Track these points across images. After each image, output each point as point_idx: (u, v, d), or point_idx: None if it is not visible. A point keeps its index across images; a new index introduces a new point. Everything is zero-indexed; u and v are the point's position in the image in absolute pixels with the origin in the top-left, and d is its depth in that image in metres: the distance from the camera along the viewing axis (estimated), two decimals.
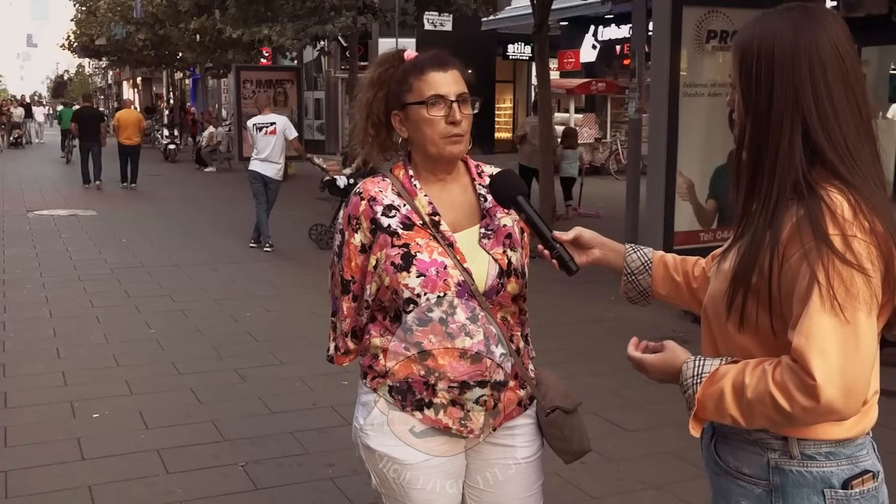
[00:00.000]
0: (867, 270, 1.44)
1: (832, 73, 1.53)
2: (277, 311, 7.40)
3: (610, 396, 5.20)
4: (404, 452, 2.10)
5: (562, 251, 1.96)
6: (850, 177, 1.50)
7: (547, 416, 2.18)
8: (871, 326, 1.46)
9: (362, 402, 2.18)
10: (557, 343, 6.33)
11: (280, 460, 4.31)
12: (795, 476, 1.59)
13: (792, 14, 1.58)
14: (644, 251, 2.00)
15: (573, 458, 2.27)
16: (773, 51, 1.55)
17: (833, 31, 1.56)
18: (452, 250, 2.07)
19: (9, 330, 6.77)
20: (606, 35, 24.21)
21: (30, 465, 4.22)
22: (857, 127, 1.54)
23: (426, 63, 2.11)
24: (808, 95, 1.53)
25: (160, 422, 4.82)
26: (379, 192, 2.13)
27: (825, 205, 1.47)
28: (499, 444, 2.18)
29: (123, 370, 5.76)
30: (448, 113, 2.06)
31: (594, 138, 22.04)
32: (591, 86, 22.19)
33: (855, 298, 1.43)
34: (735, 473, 1.66)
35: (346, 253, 2.15)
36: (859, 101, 1.55)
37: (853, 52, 1.56)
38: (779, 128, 1.54)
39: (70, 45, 42.95)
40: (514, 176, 2.11)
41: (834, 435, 1.58)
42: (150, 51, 31.23)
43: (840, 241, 1.45)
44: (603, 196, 16.30)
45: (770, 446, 1.61)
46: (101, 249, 10.58)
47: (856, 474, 1.59)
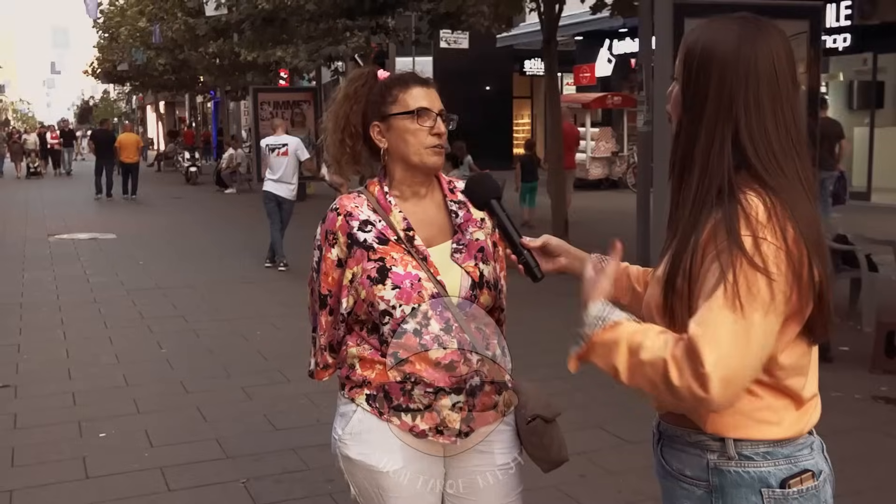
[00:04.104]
0: (771, 274, 1.48)
1: (764, 87, 1.59)
2: (288, 330, 7.45)
3: (615, 409, 5.19)
4: (382, 460, 2.14)
5: (528, 257, 1.99)
6: (770, 181, 1.55)
7: (528, 425, 2.20)
8: (764, 327, 1.50)
9: (341, 412, 2.22)
10: (566, 356, 6.31)
11: (280, 476, 4.34)
12: (733, 476, 1.62)
13: (740, 23, 1.63)
14: (609, 262, 2.00)
15: (551, 467, 2.29)
16: (715, 56, 1.61)
17: (774, 47, 1.61)
18: (426, 264, 2.13)
19: (23, 352, 6.87)
20: (621, 49, 24.22)
21: (34, 485, 4.28)
22: (783, 139, 1.59)
23: (410, 78, 2.21)
24: (741, 103, 1.59)
25: (165, 440, 4.87)
26: (355, 207, 2.20)
27: (741, 207, 1.52)
28: (476, 451, 2.21)
29: (132, 389, 5.83)
30: (433, 125, 2.15)
31: (611, 152, 22.03)
32: (606, 100, 22.17)
33: (754, 298, 1.47)
34: (678, 476, 1.71)
35: (324, 268, 2.21)
36: (786, 116, 1.60)
37: (790, 69, 1.62)
38: (711, 128, 1.60)
39: (94, 71, 43.60)
40: (490, 179, 2.15)
41: (770, 435, 1.62)
42: (170, 75, 31.61)
43: (750, 242, 1.49)
44: (620, 209, 16.27)
45: (709, 448, 1.65)
46: (119, 272, 10.71)
47: (794, 473, 1.62)
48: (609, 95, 22.35)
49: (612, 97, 22.23)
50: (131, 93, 55.05)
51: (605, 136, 22.13)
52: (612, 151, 22.06)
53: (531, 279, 1.99)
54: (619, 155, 22.15)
